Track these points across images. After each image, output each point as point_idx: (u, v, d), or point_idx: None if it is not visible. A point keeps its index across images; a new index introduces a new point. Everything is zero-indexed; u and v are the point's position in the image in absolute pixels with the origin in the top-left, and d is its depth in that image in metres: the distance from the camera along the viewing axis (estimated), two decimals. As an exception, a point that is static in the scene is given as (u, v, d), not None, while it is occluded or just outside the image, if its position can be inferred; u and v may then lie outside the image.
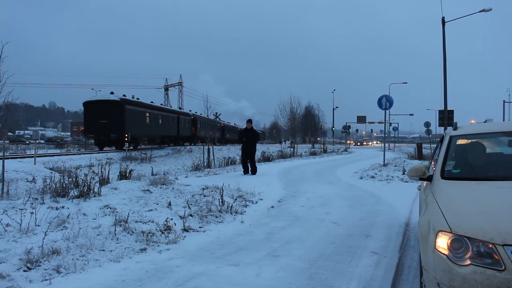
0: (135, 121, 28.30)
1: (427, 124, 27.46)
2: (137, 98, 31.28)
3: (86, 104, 27.64)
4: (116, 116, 26.49)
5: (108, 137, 26.73)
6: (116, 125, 26.34)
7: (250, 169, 11.95)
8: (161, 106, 37.10)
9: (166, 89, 71.00)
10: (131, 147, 28.26)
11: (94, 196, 6.20)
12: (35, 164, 14.93)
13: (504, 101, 36.24)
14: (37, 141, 23.06)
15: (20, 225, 4.51)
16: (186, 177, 10.44)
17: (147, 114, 31.22)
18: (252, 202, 7.36)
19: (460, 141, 3.84)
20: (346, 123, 46.22)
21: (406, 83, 43.87)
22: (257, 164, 17.13)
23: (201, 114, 47.27)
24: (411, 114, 57.49)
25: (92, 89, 29.05)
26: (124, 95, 29.37)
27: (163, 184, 7.66)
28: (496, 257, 2.13)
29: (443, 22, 18.35)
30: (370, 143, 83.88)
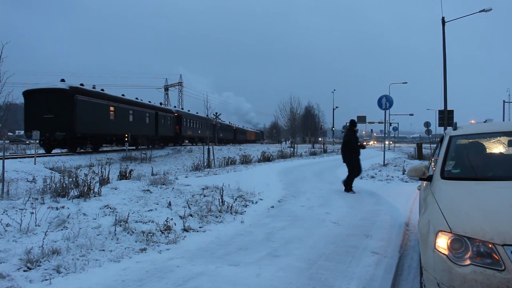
0: (91, 116, 22.74)
1: (427, 124, 27.43)
2: (102, 89, 26.13)
3: (27, 94, 21.60)
4: (64, 110, 20.74)
5: (54, 135, 20.87)
6: (64, 120, 20.64)
7: (346, 182, 9.33)
8: (136, 100, 30.75)
9: (166, 89, 71.06)
10: (90, 149, 24.30)
11: (94, 196, 6.20)
12: (35, 164, 14.91)
13: (504, 101, 36.33)
14: (37, 141, 20.71)
15: (20, 225, 4.52)
16: (186, 177, 10.44)
17: (112, 108, 25.44)
18: (252, 202, 7.36)
19: (460, 141, 3.84)
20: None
21: (406, 83, 43.74)
22: (257, 164, 17.15)
23: (188, 110, 44.35)
24: (411, 114, 57.39)
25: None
26: (81, 84, 23.49)
27: (163, 184, 7.66)
28: (496, 257, 2.13)
29: (443, 22, 18.34)
30: (370, 143, 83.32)
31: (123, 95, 29.39)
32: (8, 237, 4.29)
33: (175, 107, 42.48)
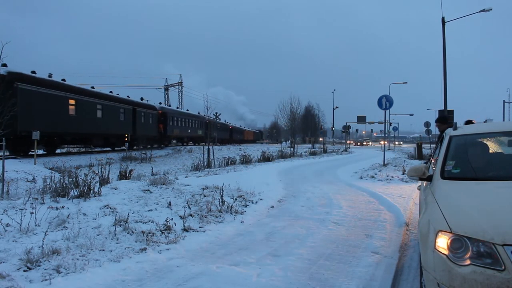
0: (42, 111, 18.51)
1: (427, 124, 27.41)
2: (63, 79, 22.02)
3: None
4: (2, 102, 15.42)
5: None
6: (1, 115, 14.54)
7: None
8: (107, 93, 26.32)
9: (166, 89, 71.10)
10: (45, 151, 20.73)
11: (94, 196, 6.21)
12: (35, 164, 14.92)
13: (504, 101, 36.23)
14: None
15: (20, 225, 4.51)
16: (186, 177, 10.43)
17: (72, 102, 21.11)
18: (252, 202, 7.35)
19: (460, 141, 3.84)
20: (346, 123, 46.13)
21: (406, 83, 43.86)
22: (257, 164, 17.15)
23: (178, 107, 41.58)
24: (411, 114, 57.44)
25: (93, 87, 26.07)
26: (33, 71, 19.29)
27: (163, 184, 7.66)
28: (496, 257, 2.13)
29: (443, 22, 18.32)
30: (370, 142, 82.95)
31: (92, 87, 25.75)
32: (8, 237, 4.30)
33: (160, 103, 38.33)
